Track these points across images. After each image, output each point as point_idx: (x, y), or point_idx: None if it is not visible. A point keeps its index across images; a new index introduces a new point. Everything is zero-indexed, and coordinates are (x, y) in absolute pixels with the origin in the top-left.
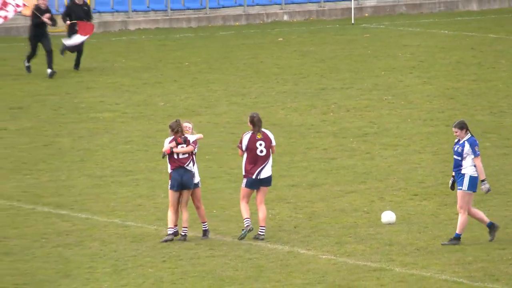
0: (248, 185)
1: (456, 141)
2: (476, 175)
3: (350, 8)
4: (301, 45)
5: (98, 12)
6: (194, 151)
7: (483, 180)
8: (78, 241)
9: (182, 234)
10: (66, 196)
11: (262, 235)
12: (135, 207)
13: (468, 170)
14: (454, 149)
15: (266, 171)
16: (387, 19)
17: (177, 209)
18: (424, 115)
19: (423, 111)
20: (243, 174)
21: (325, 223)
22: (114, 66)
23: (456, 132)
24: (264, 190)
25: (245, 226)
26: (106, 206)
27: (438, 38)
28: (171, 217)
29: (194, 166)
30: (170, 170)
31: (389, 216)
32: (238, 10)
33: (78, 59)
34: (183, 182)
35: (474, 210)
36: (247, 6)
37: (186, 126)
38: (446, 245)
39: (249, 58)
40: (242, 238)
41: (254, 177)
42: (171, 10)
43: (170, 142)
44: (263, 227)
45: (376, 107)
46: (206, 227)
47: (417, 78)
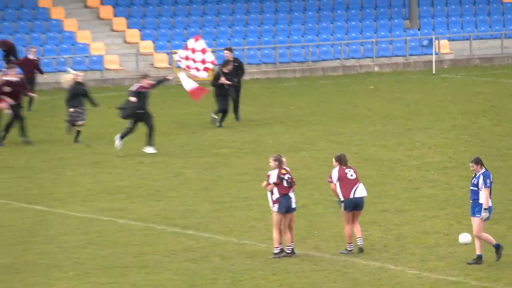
0: (346, 207)
1: (473, 175)
2: (491, 205)
3: (432, 61)
4: (389, 92)
5: None
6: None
7: (486, 208)
8: (202, 256)
9: (289, 251)
10: (191, 218)
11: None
12: (249, 228)
13: (482, 199)
14: (472, 181)
15: (360, 191)
16: (463, 70)
17: (280, 229)
18: (494, 152)
19: (494, 148)
20: (341, 200)
21: (410, 243)
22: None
23: (472, 167)
24: (358, 214)
25: (348, 248)
26: (225, 227)
27: (507, 86)
28: (277, 237)
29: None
30: (277, 196)
31: (465, 237)
32: (335, 63)
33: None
34: (289, 207)
35: (485, 234)
36: (343, 59)
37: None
38: (471, 263)
39: (344, 103)
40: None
41: (352, 196)
42: (279, 63)
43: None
44: (360, 238)
45: (454, 145)
46: (293, 247)
47: (488, 120)
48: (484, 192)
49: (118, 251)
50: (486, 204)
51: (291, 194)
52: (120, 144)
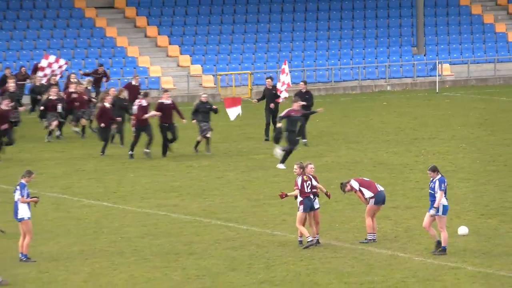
0: (376, 202)
1: (431, 180)
2: (447, 205)
3: (435, 81)
4: (399, 107)
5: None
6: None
7: (436, 207)
8: (240, 245)
9: (315, 240)
10: (232, 213)
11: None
12: (281, 221)
13: (441, 200)
14: (430, 185)
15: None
16: (462, 89)
17: (304, 224)
18: (488, 158)
19: (488, 155)
20: (371, 196)
21: (417, 235)
22: None
23: (430, 174)
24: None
25: (368, 238)
26: (260, 220)
27: (499, 103)
28: (302, 229)
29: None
30: (301, 199)
31: (463, 230)
32: (354, 83)
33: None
34: (312, 206)
35: (446, 231)
36: (361, 80)
37: (310, 167)
38: (436, 254)
39: (362, 117)
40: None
41: (379, 190)
42: (307, 83)
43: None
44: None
45: (453, 152)
46: (318, 237)
47: (483, 131)
48: (439, 194)
49: (171, 240)
50: (437, 204)
51: (312, 196)
52: (282, 166)
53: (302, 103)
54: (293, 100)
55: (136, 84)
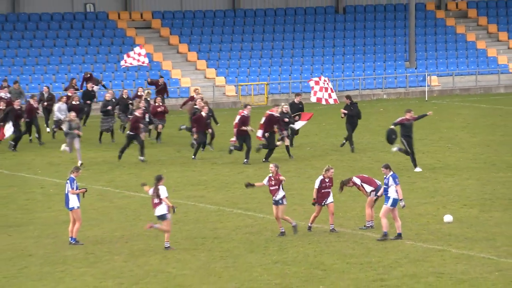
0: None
1: (384, 176)
2: (397, 198)
3: (425, 91)
4: (394, 113)
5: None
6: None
7: (401, 199)
8: (257, 230)
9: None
10: (251, 203)
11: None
12: (292, 210)
13: (392, 194)
14: (384, 181)
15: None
16: (448, 98)
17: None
18: (471, 156)
19: (470, 154)
20: (372, 190)
21: (408, 222)
22: None
23: (383, 171)
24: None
25: (367, 225)
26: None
27: (479, 109)
28: (287, 218)
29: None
30: (284, 193)
31: (449, 218)
32: (355, 92)
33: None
34: (276, 201)
35: (387, 220)
36: (361, 89)
37: (331, 171)
38: (380, 240)
39: (362, 121)
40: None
41: (378, 184)
42: None
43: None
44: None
45: (441, 151)
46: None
47: (466, 134)
48: (397, 188)
49: (198, 226)
50: (401, 195)
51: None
52: (418, 169)
53: (414, 116)
54: (406, 110)
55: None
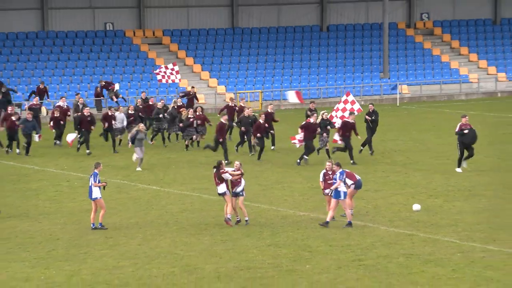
0: (355, 187)
1: (331, 173)
2: (345, 191)
3: (396, 98)
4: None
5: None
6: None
7: (333, 190)
8: (253, 218)
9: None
10: (247, 195)
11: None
12: (283, 201)
13: (341, 188)
14: (332, 177)
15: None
16: (416, 104)
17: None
18: (436, 155)
19: (435, 152)
20: (352, 183)
21: (383, 210)
22: None
23: (334, 167)
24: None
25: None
26: (267, 200)
27: (444, 114)
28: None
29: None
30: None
31: (417, 206)
32: (337, 99)
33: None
34: (235, 193)
35: (334, 212)
36: (342, 96)
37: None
38: (322, 225)
39: None
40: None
41: (358, 178)
42: (305, 98)
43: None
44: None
45: (411, 150)
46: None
47: (432, 135)
48: (339, 182)
49: (203, 214)
50: (334, 187)
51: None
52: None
53: (466, 119)
54: (462, 115)
55: (232, 105)
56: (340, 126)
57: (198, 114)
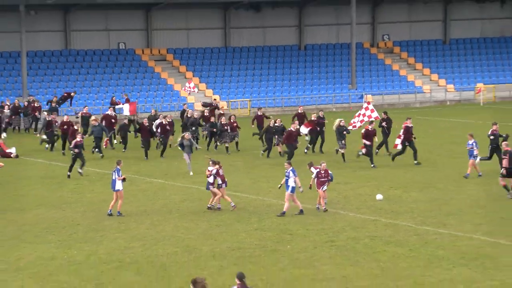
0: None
1: (285, 170)
2: (294, 186)
3: (362, 105)
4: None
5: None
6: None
7: (300, 186)
8: (243, 206)
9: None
10: (239, 186)
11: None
12: (268, 192)
13: (291, 183)
14: (285, 173)
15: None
16: (379, 111)
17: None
18: (395, 151)
19: (396, 151)
20: (298, 186)
21: (352, 200)
22: None
23: (285, 165)
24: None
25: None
26: (255, 191)
27: (401, 118)
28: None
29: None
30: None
31: (379, 196)
32: (313, 106)
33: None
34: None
35: (289, 204)
36: (318, 104)
37: (324, 164)
38: (279, 215)
39: None
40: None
41: (330, 173)
42: (284, 106)
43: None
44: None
45: (373, 146)
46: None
47: (392, 136)
48: (296, 179)
49: (201, 203)
50: (299, 184)
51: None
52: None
53: (496, 126)
54: (493, 123)
55: (261, 114)
56: (405, 128)
57: (231, 121)
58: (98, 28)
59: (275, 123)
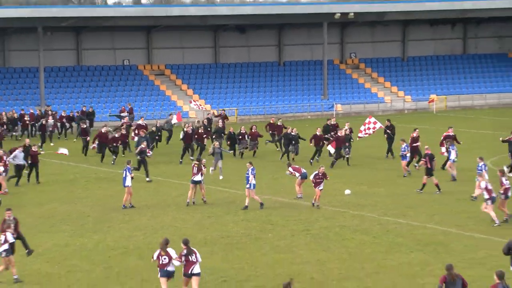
0: (301, 178)
1: (247, 169)
2: (255, 183)
3: (333, 113)
4: (315, 126)
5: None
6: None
7: (254, 184)
8: (231, 201)
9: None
10: (227, 183)
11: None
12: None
13: (251, 181)
14: (246, 172)
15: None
16: (347, 118)
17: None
18: (365, 153)
19: (363, 152)
20: (299, 175)
21: (324, 195)
22: None
23: (248, 165)
24: (304, 181)
25: (298, 196)
26: (243, 187)
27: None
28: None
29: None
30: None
31: (348, 191)
32: (290, 114)
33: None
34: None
35: (256, 196)
36: (295, 113)
37: (322, 169)
38: (261, 207)
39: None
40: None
41: (303, 171)
42: (266, 114)
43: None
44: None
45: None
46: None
47: (360, 141)
48: (252, 177)
49: (195, 198)
50: (253, 181)
51: (198, 177)
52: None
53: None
54: (449, 126)
55: (280, 125)
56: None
57: (252, 130)
58: (105, 47)
59: (292, 132)
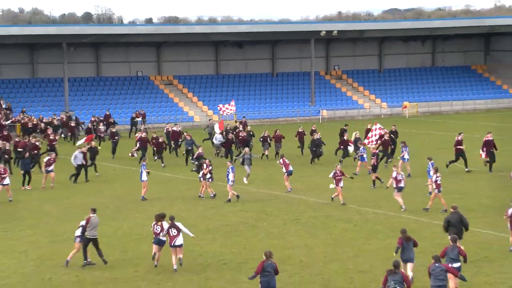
0: (288, 174)
1: (227, 167)
2: (234, 180)
3: (319, 117)
4: (304, 129)
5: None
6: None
7: (233, 180)
8: (227, 195)
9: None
10: (224, 180)
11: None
12: (246, 185)
13: (231, 177)
14: (227, 170)
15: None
16: (332, 122)
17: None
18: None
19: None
20: (285, 171)
21: (311, 188)
22: None
23: (228, 164)
24: (289, 177)
25: (288, 190)
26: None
27: (350, 128)
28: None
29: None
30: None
31: (332, 186)
32: (283, 119)
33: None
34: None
35: (232, 191)
36: (286, 117)
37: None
38: (225, 202)
39: (286, 134)
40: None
41: (290, 169)
42: (262, 118)
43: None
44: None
45: (331, 151)
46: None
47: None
48: (232, 174)
49: (197, 192)
50: (233, 178)
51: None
52: None
53: None
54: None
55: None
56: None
57: (276, 134)
58: (121, 60)
59: (317, 137)
